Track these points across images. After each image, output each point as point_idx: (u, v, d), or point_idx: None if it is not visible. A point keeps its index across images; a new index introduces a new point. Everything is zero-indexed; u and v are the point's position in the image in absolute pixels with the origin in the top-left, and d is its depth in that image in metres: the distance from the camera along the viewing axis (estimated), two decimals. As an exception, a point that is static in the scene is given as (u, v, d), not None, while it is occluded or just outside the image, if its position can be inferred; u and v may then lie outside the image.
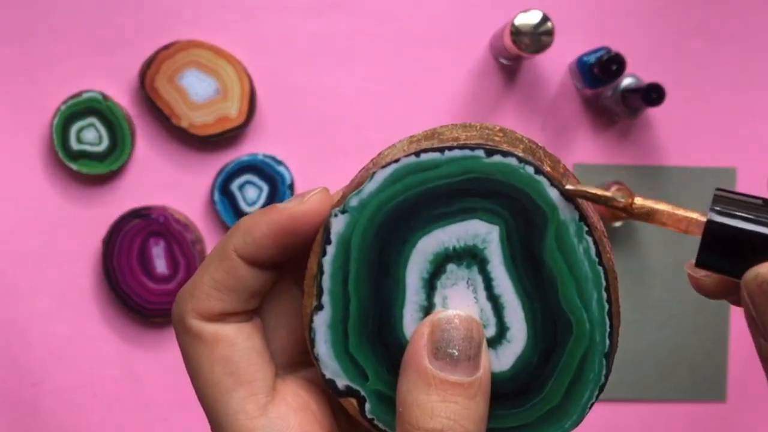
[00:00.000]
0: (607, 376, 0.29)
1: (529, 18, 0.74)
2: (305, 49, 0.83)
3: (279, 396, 0.29)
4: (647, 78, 0.84)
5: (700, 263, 0.27)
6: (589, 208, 0.29)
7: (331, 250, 0.29)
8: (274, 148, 0.83)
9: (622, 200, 0.28)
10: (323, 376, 0.29)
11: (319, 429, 0.29)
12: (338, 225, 0.29)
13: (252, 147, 0.83)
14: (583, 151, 0.84)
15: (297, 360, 0.31)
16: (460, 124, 0.31)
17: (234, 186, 0.81)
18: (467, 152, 0.28)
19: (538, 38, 0.75)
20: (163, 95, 0.80)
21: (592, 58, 0.79)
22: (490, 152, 0.28)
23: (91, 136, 0.80)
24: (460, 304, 0.29)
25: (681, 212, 0.27)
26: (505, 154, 0.28)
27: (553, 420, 0.29)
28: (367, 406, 0.30)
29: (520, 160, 0.28)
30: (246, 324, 0.29)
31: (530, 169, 0.28)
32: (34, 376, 0.83)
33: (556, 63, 0.83)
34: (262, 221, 0.28)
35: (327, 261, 0.29)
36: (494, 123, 0.84)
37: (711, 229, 0.26)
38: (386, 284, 0.29)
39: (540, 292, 0.29)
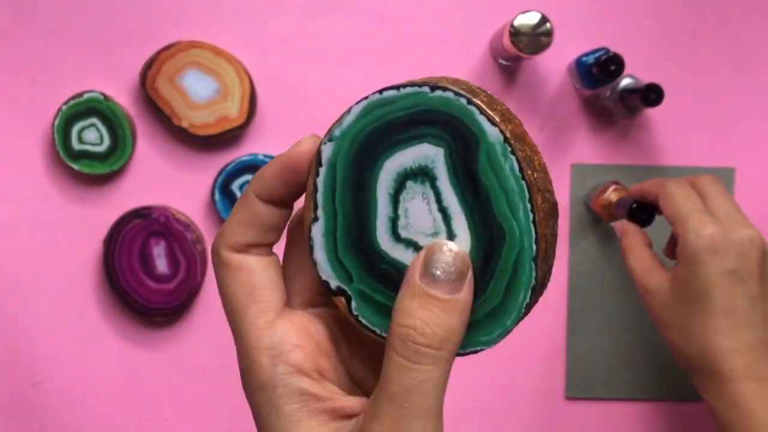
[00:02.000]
0: (537, 279, 0.33)
1: (528, 19, 0.75)
2: (305, 49, 0.83)
3: (286, 317, 0.35)
4: (646, 78, 0.84)
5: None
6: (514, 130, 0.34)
7: (322, 171, 0.35)
8: (274, 148, 0.83)
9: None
10: (320, 278, 0.35)
11: (315, 347, 0.35)
12: (326, 151, 0.35)
13: (252, 147, 0.83)
14: (582, 151, 0.84)
15: (312, 300, 0.37)
16: (450, 78, 0.36)
17: (235, 186, 0.81)
18: (416, 89, 0.34)
19: (537, 39, 0.75)
20: (164, 95, 0.80)
21: (590, 59, 0.79)
22: (433, 88, 0.33)
23: (93, 136, 0.81)
24: (418, 214, 0.34)
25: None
26: (444, 89, 0.33)
27: (497, 318, 0.34)
28: (353, 304, 0.35)
29: (456, 93, 0.33)
30: (265, 257, 0.36)
31: (463, 101, 0.33)
32: (35, 376, 0.83)
33: (555, 63, 0.84)
34: (271, 164, 0.35)
35: (319, 180, 0.35)
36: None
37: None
38: (363, 199, 0.35)
39: (478, 205, 0.34)
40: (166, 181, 0.83)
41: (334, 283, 0.35)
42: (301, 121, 0.83)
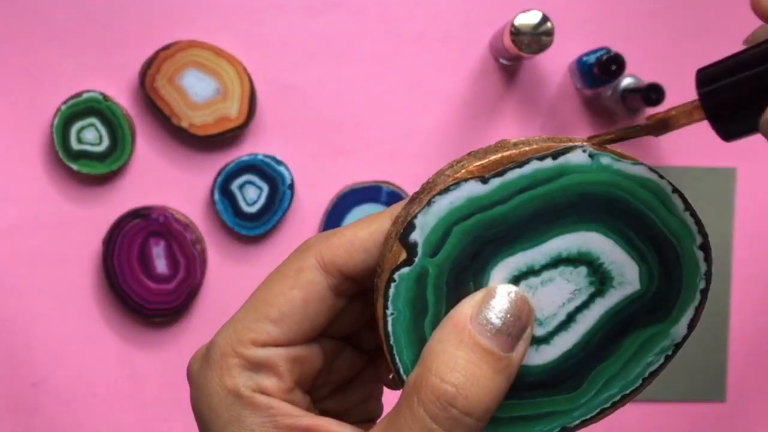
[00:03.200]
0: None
1: (528, 18, 0.74)
2: (305, 49, 0.83)
3: (283, 345, 0.30)
4: (647, 78, 0.84)
5: (723, 136, 0.27)
6: None
7: (547, 163, 0.29)
8: (274, 148, 0.83)
9: (640, 126, 0.29)
10: (414, 216, 0.29)
11: (291, 383, 0.30)
12: (575, 157, 0.29)
13: (252, 147, 0.83)
14: (583, 151, 0.84)
15: (326, 330, 0.32)
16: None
17: (234, 186, 0.81)
18: (694, 230, 0.31)
19: (537, 38, 0.75)
20: (164, 95, 0.80)
21: (591, 59, 0.79)
22: (702, 246, 0.31)
23: (92, 136, 0.81)
24: (550, 295, 0.30)
25: (684, 107, 0.27)
26: (708, 258, 0.31)
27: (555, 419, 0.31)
28: (405, 270, 0.29)
29: (707, 274, 0.31)
30: (316, 289, 0.31)
31: (702, 284, 0.32)
32: (34, 376, 0.83)
33: (555, 63, 0.84)
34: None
35: (534, 165, 0.29)
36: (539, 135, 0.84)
37: (708, 103, 0.26)
38: (539, 226, 0.29)
39: (594, 352, 0.30)
40: (166, 181, 0.83)
41: (416, 236, 0.29)
42: (301, 121, 0.83)
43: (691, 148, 0.84)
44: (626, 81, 0.80)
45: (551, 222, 0.29)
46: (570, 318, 0.30)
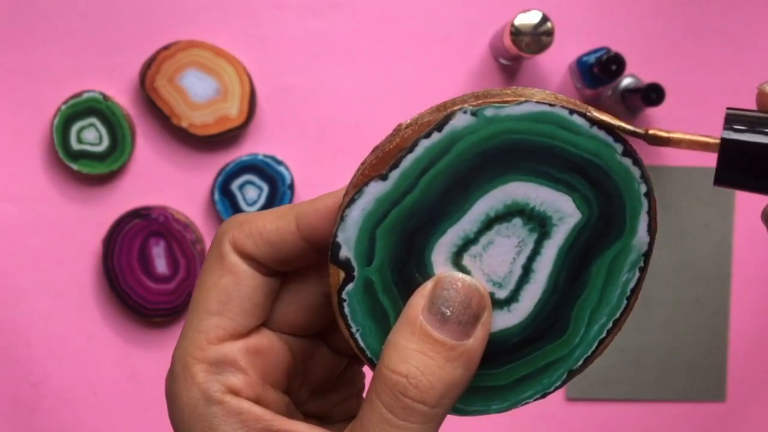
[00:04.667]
0: (557, 388, 0.31)
1: (528, 18, 0.74)
2: (305, 49, 0.83)
3: (244, 339, 0.30)
4: (647, 78, 0.84)
5: (718, 181, 0.27)
6: None
7: (435, 138, 0.29)
8: (274, 148, 0.83)
9: (640, 129, 0.29)
10: (335, 236, 0.29)
11: (259, 377, 0.30)
12: (458, 122, 0.29)
13: (252, 147, 0.83)
14: (583, 151, 0.84)
15: (293, 325, 0.32)
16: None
17: (234, 186, 0.81)
18: (610, 140, 0.29)
19: (537, 38, 0.75)
20: (164, 95, 0.80)
21: (591, 58, 0.79)
22: (626, 153, 0.29)
23: (92, 136, 0.81)
24: (498, 255, 0.29)
25: (696, 137, 0.28)
26: (636, 161, 0.29)
27: (492, 399, 0.31)
28: (350, 286, 0.30)
29: (643, 176, 0.29)
30: (265, 277, 0.31)
31: (643, 187, 0.29)
32: (34, 376, 0.83)
33: (555, 63, 0.84)
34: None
35: (423, 144, 0.29)
36: None
37: (726, 147, 0.27)
38: (455, 198, 0.29)
39: (565, 290, 0.30)
40: (166, 181, 0.83)
41: (345, 254, 0.29)
42: (301, 121, 0.83)
43: (691, 148, 0.85)
44: (626, 81, 0.80)
45: (465, 189, 0.29)
46: (526, 270, 0.30)
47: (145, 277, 0.81)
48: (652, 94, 0.75)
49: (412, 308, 0.28)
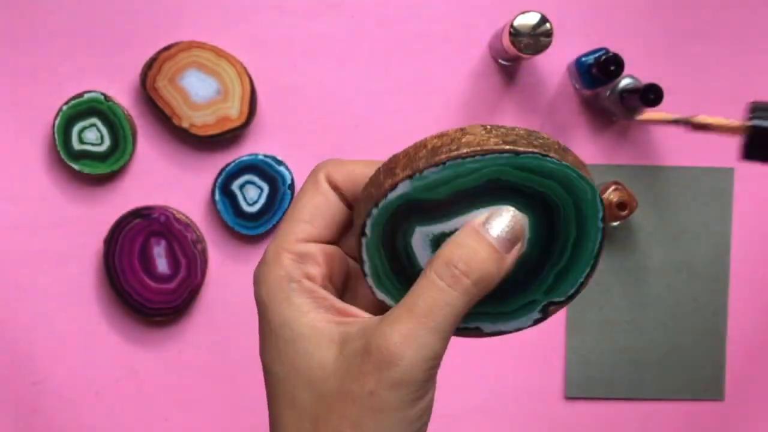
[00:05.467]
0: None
1: (527, 19, 0.75)
2: (305, 49, 0.83)
3: (322, 244, 0.39)
4: (645, 78, 0.84)
5: (747, 156, 0.31)
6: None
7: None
8: (274, 148, 0.83)
9: (684, 118, 0.35)
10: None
11: (328, 275, 0.38)
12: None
13: (252, 147, 0.83)
14: (582, 151, 0.84)
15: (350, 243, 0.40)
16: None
17: (235, 186, 0.81)
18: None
19: (536, 39, 0.75)
20: (164, 95, 0.80)
21: (590, 59, 0.80)
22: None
23: (93, 136, 0.81)
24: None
25: (729, 122, 0.33)
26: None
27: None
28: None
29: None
30: (346, 208, 0.39)
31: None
32: (35, 375, 0.83)
33: (554, 64, 0.84)
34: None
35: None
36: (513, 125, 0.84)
37: (754, 130, 0.31)
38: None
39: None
40: (167, 181, 0.83)
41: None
42: (301, 121, 0.83)
43: (689, 148, 0.85)
44: (625, 81, 0.80)
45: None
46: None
47: (146, 276, 0.81)
48: (651, 95, 0.75)
49: (474, 221, 0.36)
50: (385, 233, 0.37)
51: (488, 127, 0.37)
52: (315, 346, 0.36)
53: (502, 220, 0.36)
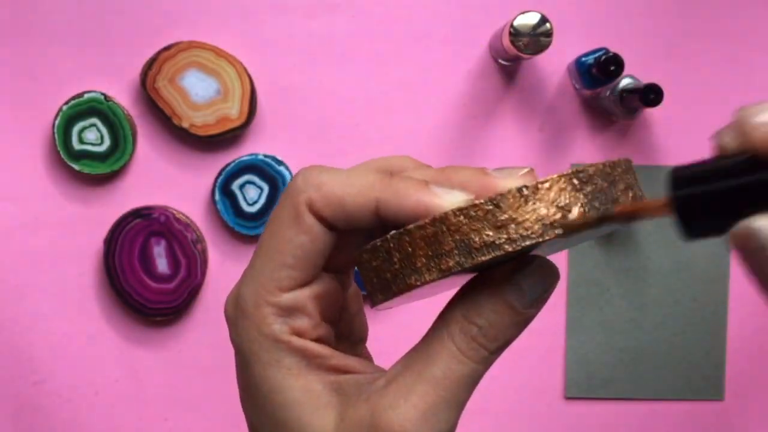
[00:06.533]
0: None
1: (527, 19, 0.75)
2: (305, 49, 0.83)
3: (309, 285, 0.34)
4: (645, 79, 0.84)
5: (687, 237, 0.28)
6: None
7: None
8: (274, 148, 0.83)
9: (608, 212, 0.29)
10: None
11: (319, 317, 0.34)
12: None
13: (252, 147, 0.83)
14: (581, 152, 0.84)
15: (344, 265, 0.36)
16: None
17: (235, 186, 0.81)
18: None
19: (536, 39, 0.75)
20: (165, 95, 0.80)
21: (590, 59, 0.80)
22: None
23: (93, 136, 0.81)
24: None
25: (656, 203, 0.29)
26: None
27: None
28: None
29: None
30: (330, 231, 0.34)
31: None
32: (35, 375, 0.83)
33: (554, 64, 0.84)
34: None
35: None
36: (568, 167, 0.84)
37: (679, 205, 0.28)
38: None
39: None
40: (167, 181, 0.83)
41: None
42: (301, 121, 0.83)
43: (689, 148, 0.85)
44: (625, 81, 0.80)
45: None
46: None
47: (146, 276, 0.81)
48: (651, 95, 0.75)
49: (497, 275, 0.32)
50: None
51: (525, 191, 0.29)
52: (312, 414, 0.32)
53: (535, 283, 0.32)
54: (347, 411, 0.32)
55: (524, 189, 0.29)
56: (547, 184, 0.29)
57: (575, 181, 0.29)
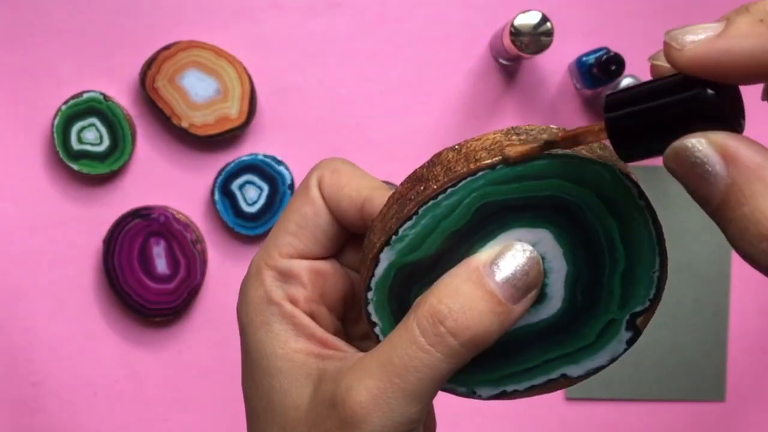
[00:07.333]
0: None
1: (528, 18, 0.75)
2: (305, 49, 0.83)
3: (311, 260, 0.35)
4: (646, 78, 0.84)
5: (623, 158, 0.28)
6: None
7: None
8: (274, 148, 0.83)
9: (552, 137, 0.29)
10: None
11: (317, 296, 0.35)
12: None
13: (252, 147, 0.83)
14: (583, 151, 0.84)
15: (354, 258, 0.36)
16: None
17: (234, 186, 0.81)
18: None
19: (537, 39, 0.75)
20: (164, 95, 0.80)
21: (591, 59, 0.79)
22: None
23: (92, 136, 0.81)
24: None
25: (590, 127, 0.29)
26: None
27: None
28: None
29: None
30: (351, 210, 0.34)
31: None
32: (35, 376, 0.83)
33: (555, 63, 0.84)
34: None
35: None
36: (509, 125, 0.84)
37: (612, 126, 0.28)
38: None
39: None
40: (166, 181, 0.83)
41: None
42: (301, 121, 0.83)
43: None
44: (625, 81, 0.80)
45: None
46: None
47: (145, 276, 0.81)
48: (652, 94, 0.75)
49: (475, 259, 0.30)
50: (393, 297, 0.32)
51: (457, 146, 0.30)
52: (291, 383, 0.32)
53: (514, 261, 0.30)
54: (321, 386, 0.32)
55: (457, 145, 0.31)
56: (476, 143, 0.30)
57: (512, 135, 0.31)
